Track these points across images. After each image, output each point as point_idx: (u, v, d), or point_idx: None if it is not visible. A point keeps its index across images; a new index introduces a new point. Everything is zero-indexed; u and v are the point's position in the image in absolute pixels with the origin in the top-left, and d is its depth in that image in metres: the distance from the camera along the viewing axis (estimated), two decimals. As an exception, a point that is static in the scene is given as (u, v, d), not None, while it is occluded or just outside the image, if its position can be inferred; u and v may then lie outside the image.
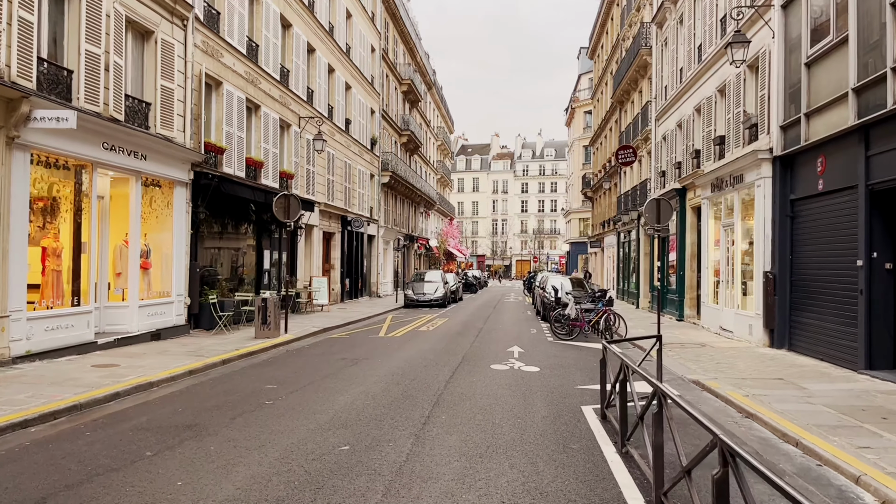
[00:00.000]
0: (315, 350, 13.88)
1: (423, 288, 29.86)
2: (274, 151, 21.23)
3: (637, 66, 29.23)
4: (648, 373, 9.75)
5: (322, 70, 26.56)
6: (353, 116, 31.14)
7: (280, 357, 12.77)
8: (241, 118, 18.70)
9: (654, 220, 15.79)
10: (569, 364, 12.14)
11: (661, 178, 25.47)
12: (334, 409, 7.94)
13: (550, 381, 10.16)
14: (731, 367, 11.76)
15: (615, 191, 38.10)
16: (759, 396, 8.91)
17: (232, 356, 12.19)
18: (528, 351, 13.91)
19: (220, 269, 18.06)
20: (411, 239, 46.96)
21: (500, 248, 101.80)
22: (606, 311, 16.77)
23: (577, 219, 64.56)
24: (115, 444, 6.36)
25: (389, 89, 39.89)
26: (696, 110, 20.62)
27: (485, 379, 10.25)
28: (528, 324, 20.92)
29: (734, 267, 16.49)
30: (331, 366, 11.51)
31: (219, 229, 17.81)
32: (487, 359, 12.58)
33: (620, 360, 6.23)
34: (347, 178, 30.30)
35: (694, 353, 13.65)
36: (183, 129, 15.43)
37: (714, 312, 17.94)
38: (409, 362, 11.95)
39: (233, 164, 18.09)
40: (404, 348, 14.13)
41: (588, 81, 60.50)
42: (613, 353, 6.79)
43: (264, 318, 15.13)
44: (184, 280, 15.43)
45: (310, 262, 25.45)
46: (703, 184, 18.75)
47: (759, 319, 14.45)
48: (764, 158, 14.27)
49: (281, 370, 11.04)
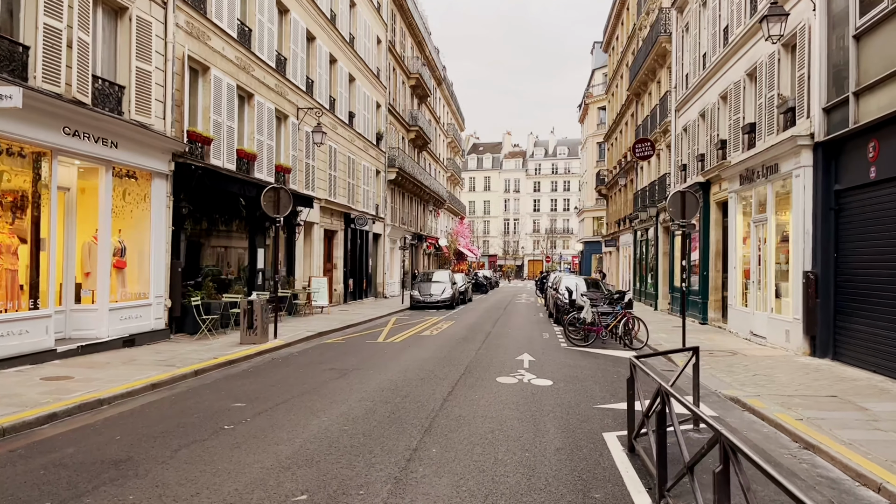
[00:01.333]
0: (303, 358, 12.54)
1: (429, 289, 28.49)
2: (269, 143, 19.94)
3: (655, 55, 27.68)
4: (682, 391, 8.36)
5: (323, 59, 25.25)
6: (357, 110, 29.82)
7: (262, 367, 11.45)
8: (231, 107, 17.42)
9: (678, 214, 14.38)
10: (585, 376, 10.72)
11: (681, 173, 23.94)
12: (303, 437, 6.58)
13: (565, 398, 8.75)
14: (770, 379, 10.29)
15: (631, 187, 36.54)
16: (815, 420, 7.46)
17: (207, 366, 10.88)
18: (540, 360, 12.50)
19: (208, 268, 16.78)
20: (420, 238, 45.60)
21: (511, 248, 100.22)
22: (626, 314, 15.32)
23: (590, 217, 62.90)
24: (10, 489, 5.03)
25: (397, 83, 38.55)
26: (722, 97, 19.10)
27: (489, 396, 8.86)
28: (540, 328, 19.49)
29: (767, 267, 14.98)
30: (315, 378, 10.17)
31: (206, 226, 16.53)
32: (493, 369, 11.19)
33: (658, 384, 4.82)
34: (351, 174, 28.99)
35: (725, 362, 12.19)
36: (163, 116, 14.16)
37: (743, 316, 16.43)
38: (405, 374, 10.58)
39: (221, 156, 16.81)
40: (402, 356, 12.76)
41: (602, 77, 58.87)
42: (646, 372, 5.38)
43: (250, 322, 13.82)
44: (164, 280, 14.16)
45: (309, 261, 24.14)
46: (731, 176, 17.24)
47: (797, 325, 12.95)
48: (804, 145, 12.76)
49: (257, 383, 9.71)
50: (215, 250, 17.62)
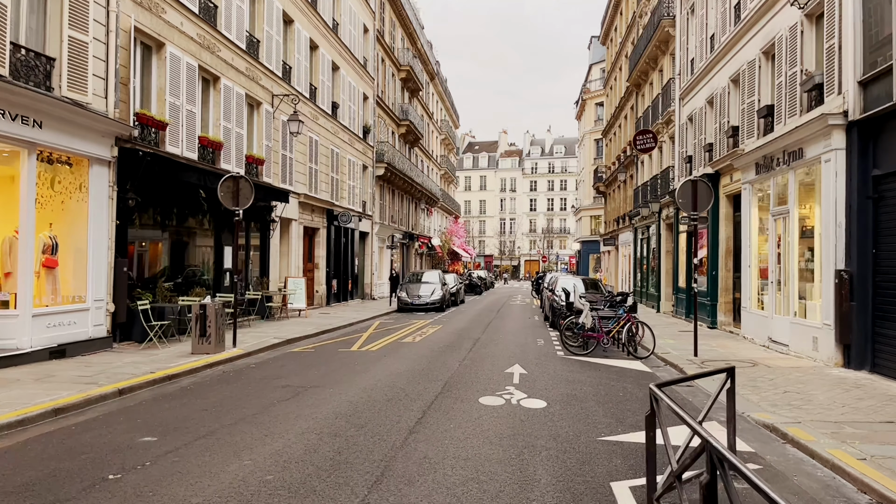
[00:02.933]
0: (259, 372, 10.83)
1: (418, 290, 26.77)
2: (238, 132, 18.23)
3: (657, 41, 26.02)
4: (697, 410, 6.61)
5: (302, 45, 23.53)
6: (341, 100, 28.11)
7: (206, 383, 9.74)
8: (191, 89, 15.70)
9: (689, 205, 12.76)
10: (585, 394, 9.04)
11: (686, 165, 22.29)
12: (205, 494, 4.89)
13: (562, 427, 7.07)
14: (805, 398, 8.63)
15: (631, 183, 34.89)
16: (882, 460, 5.80)
17: (137, 383, 9.17)
18: (532, 373, 10.81)
19: (163, 268, 15.07)
20: (411, 237, 43.90)
21: (507, 248, 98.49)
22: (630, 318, 13.64)
23: (588, 216, 61.26)
24: None
25: (386, 75, 36.84)
26: (733, 81, 17.45)
27: (467, 425, 7.17)
28: (535, 333, 17.81)
29: (788, 265, 13.31)
30: (261, 398, 8.47)
31: (160, 220, 14.81)
32: (478, 386, 9.50)
33: (704, 441, 3.13)
34: (335, 168, 27.27)
35: (746, 375, 10.51)
36: (104, 95, 12.44)
37: (759, 320, 14.77)
38: (371, 393, 8.88)
39: (180, 143, 15.10)
40: (373, 369, 11.06)
41: (600, 72, 57.23)
42: (677, 412, 3.68)
43: (202, 329, 12.11)
44: (105, 282, 12.44)
45: (287, 260, 22.42)
46: (745, 165, 15.59)
47: (827, 331, 11.29)
48: (836, 125, 11.10)
49: (188, 407, 8.01)
50: (174, 248, 15.91)
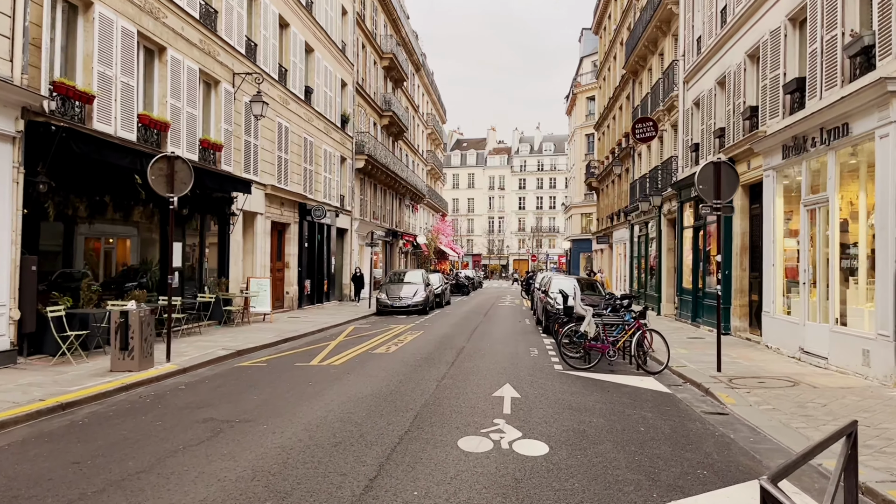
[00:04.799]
0: (184, 397, 8.65)
1: (399, 291, 24.62)
2: (190, 112, 16.00)
3: (658, 22, 24.03)
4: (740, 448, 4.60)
5: (270, 21, 21.32)
6: (315, 85, 25.88)
7: (108, 415, 7.56)
8: (128, 59, 13.48)
9: (711, 193, 10.82)
10: (598, 430, 6.94)
11: (692, 154, 20.29)
12: None
13: (574, 495, 4.97)
14: (886, 437, 6.61)
15: (626, 177, 32.92)
16: None
17: (11, 416, 6.98)
18: (527, 396, 8.72)
19: (86, 267, 12.83)
20: (395, 235, 41.73)
21: (496, 247, 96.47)
22: (639, 326, 11.59)
23: (578, 214, 59.28)
24: None
25: (367, 62, 34.65)
26: (750, 56, 15.46)
27: (439, 491, 5.05)
28: (527, 340, 15.73)
29: (829, 264, 11.29)
30: (166, 442, 6.31)
31: (87, 211, 12.55)
32: (457, 418, 7.38)
33: None
34: (308, 159, 25.05)
35: (790, 398, 8.48)
36: (9, 57, 10.22)
37: (787, 328, 12.78)
38: (314, 432, 6.73)
39: (113, 120, 12.88)
40: (329, 392, 8.92)
41: (591, 65, 55.30)
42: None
43: (124, 341, 9.92)
44: (7, 283, 10.22)
45: (251, 258, 20.21)
46: (768, 149, 13.59)
47: (885, 344, 9.28)
48: (895, 91, 9.10)
49: (61, 456, 5.85)
50: (107, 244, 13.70)
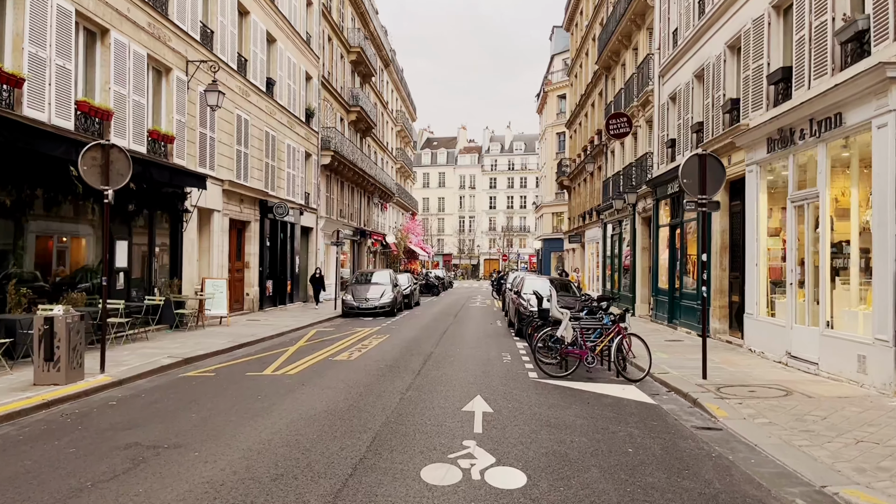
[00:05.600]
0: (111, 416, 7.59)
1: (365, 292, 23.59)
2: (137, 100, 14.84)
3: (632, 15, 23.42)
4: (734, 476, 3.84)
5: (228, 7, 20.16)
6: (278, 77, 24.74)
7: (16, 440, 6.48)
8: (64, 39, 12.30)
9: (696, 187, 10.12)
10: (581, 452, 6.11)
11: (668, 150, 19.70)
12: None
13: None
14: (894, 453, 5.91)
15: (599, 175, 32.36)
16: None
17: None
18: (500, 410, 7.86)
19: (12, 268, 11.63)
20: (363, 234, 40.65)
21: (467, 247, 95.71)
22: (619, 330, 10.82)
23: (549, 213, 58.82)
24: None
25: (333, 55, 33.54)
26: (730, 47, 14.86)
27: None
28: (499, 344, 14.91)
29: (819, 263, 10.66)
30: (72, 478, 5.30)
31: (13, 205, 11.37)
32: (421, 441, 6.48)
33: None
34: (270, 154, 23.91)
35: (786, 410, 7.78)
36: (-84, 31, 9.05)
37: (771, 331, 12.16)
38: (253, 462, 5.77)
39: (46, 107, 11.71)
40: (278, 408, 7.94)
41: (562, 63, 54.82)
42: None
43: (49, 351, 8.82)
44: (-86, 286, 9.05)
45: (207, 258, 19.04)
46: (751, 143, 12.97)
47: (883, 349, 8.64)
48: (895, 77, 8.46)
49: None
50: (39, 242, 12.51)
